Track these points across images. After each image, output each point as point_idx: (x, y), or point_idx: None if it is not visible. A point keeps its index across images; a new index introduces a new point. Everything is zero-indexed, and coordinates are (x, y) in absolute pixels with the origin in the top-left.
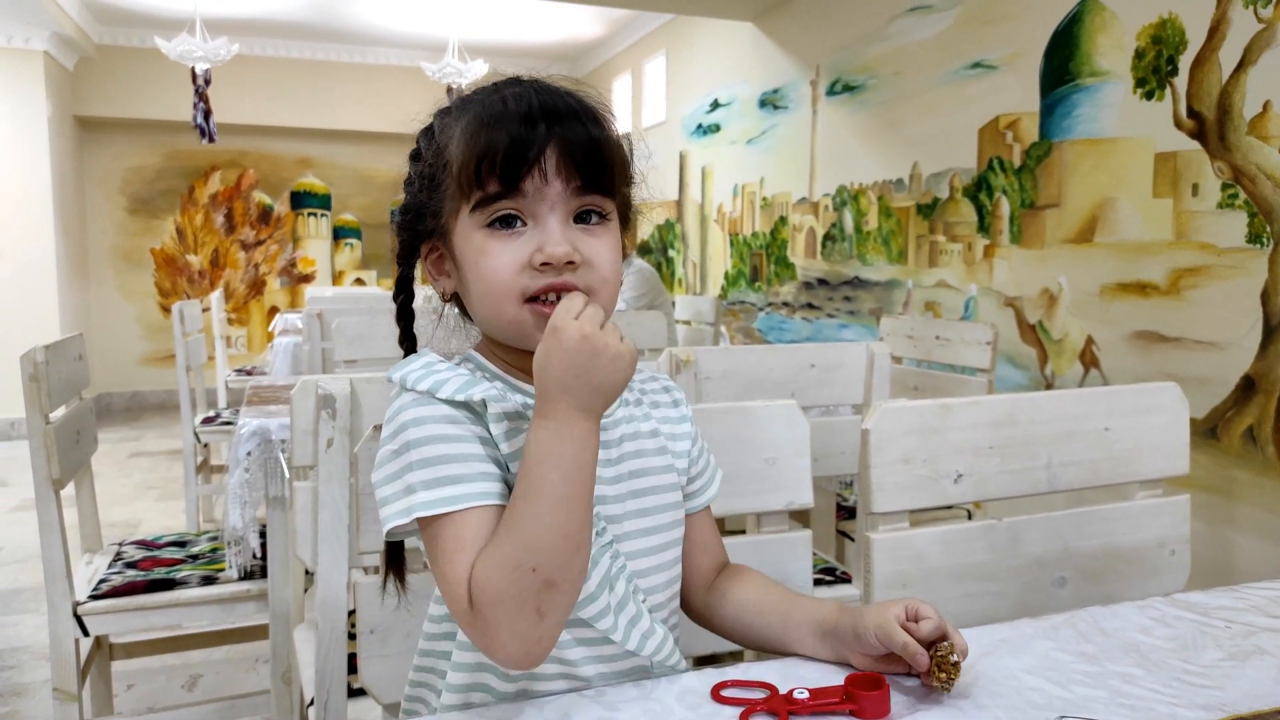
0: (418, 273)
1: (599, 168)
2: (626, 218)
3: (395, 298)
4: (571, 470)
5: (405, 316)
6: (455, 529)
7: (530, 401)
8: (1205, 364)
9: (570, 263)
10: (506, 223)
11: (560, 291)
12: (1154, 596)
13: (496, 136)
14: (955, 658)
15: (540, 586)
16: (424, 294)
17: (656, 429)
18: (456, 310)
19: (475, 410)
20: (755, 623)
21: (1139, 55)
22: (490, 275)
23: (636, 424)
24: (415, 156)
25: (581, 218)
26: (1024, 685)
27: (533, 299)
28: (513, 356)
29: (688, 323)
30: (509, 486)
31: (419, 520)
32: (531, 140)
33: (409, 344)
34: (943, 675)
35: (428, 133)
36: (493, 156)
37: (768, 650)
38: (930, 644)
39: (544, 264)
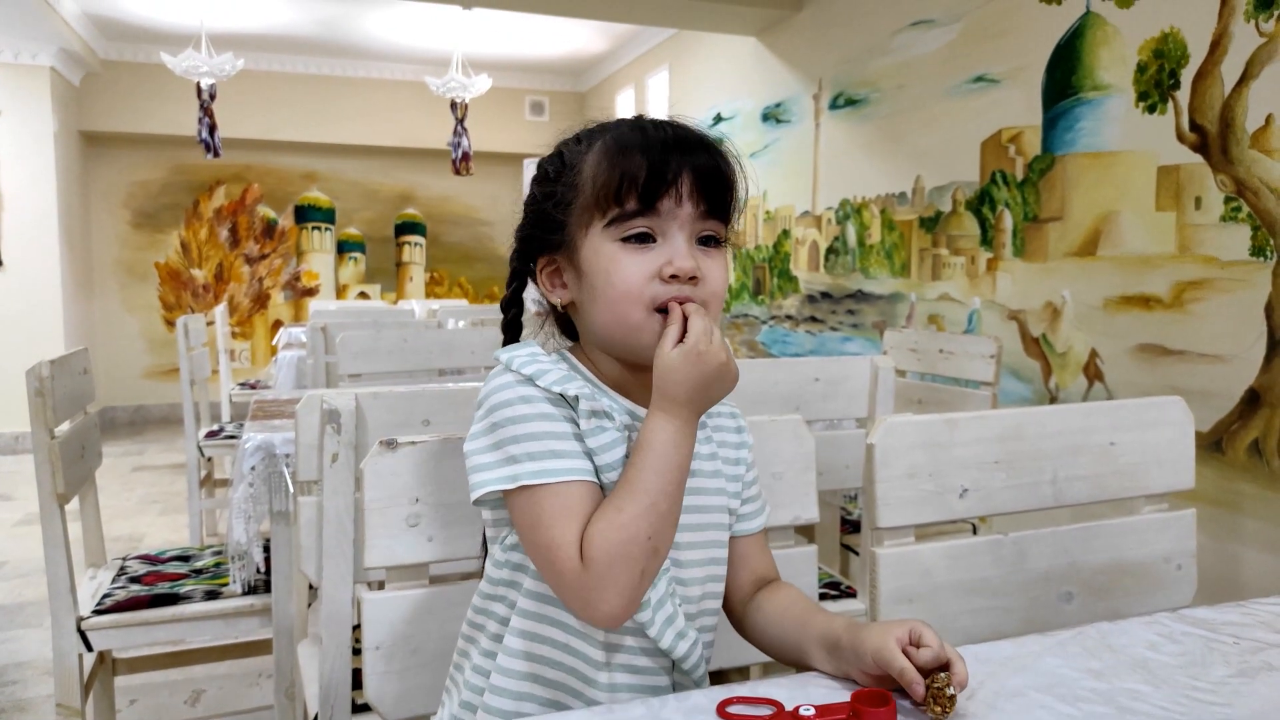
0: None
1: (723, 196)
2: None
3: (505, 310)
4: (684, 461)
5: (514, 329)
6: (561, 498)
7: (616, 406)
8: (1209, 377)
9: (694, 278)
10: (640, 239)
11: (680, 302)
12: (1161, 612)
13: (638, 161)
14: (952, 690)
15: (650, 553)
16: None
17: (715, 453)
18: (555, 324)
19: (568, 402)
20: (778, 634)
21: (1141, 69)
22: (621, 283)
23: (698, 445)
24: (542, 179)
25: (703, 241)
26: (1032, 703)
27: (659, 309)
28: (610, 367)
29: None
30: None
31: (518, 489)
32: (670, 165)
33: (510, 337)
34: (937, 709)
35: (557, 158)
36: (634, 177)
37: (790, 662)
38: (929, 672)
39: (672, 276)
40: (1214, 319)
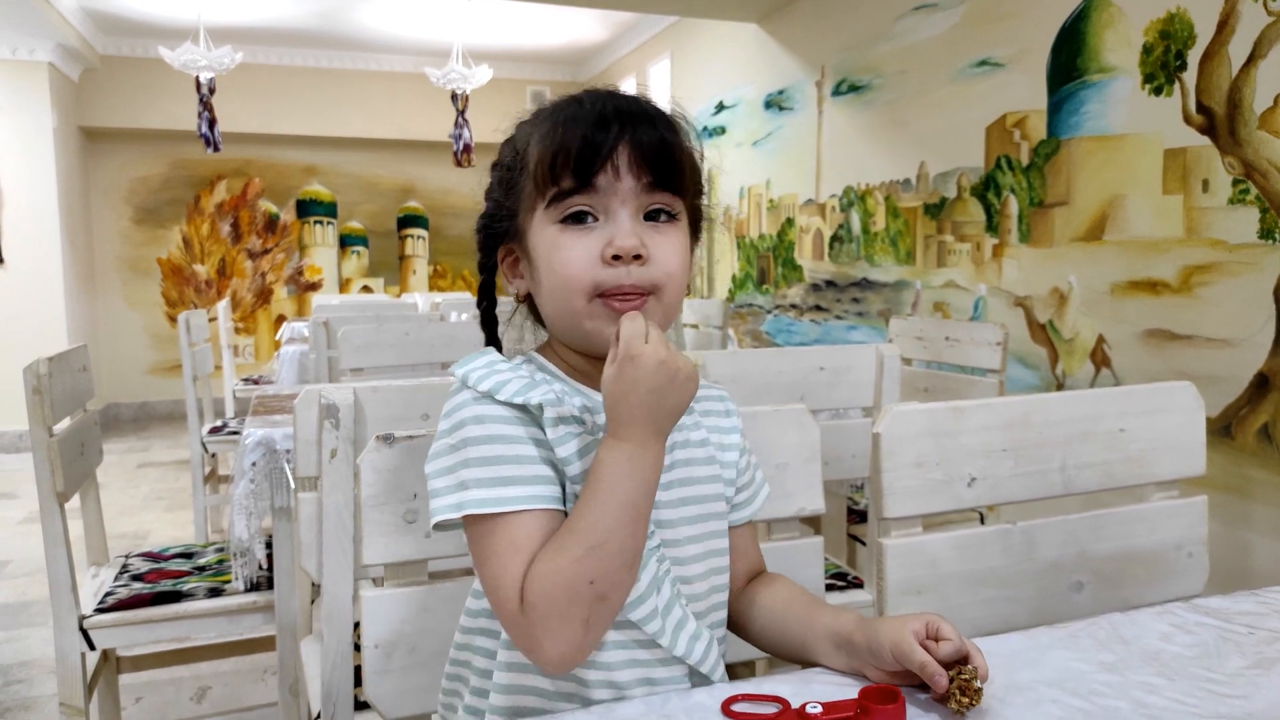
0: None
1: (669, 167)
2: (698, 228)
3: (479, 304)
4: (640, 492)
5: (489, 323)
6: (509, 530)
7: (590, 404)
8: (1218, 362)
9: (638, 256)
10: (578, 218)
11: (627, 296)
12: (1173, 601)
13: (571, 134)
14: (979, 683)
15: (593, 599)
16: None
17: (706, 438)
18: (529, 314)
19: (532, 413)
20: (778, 630)
21: (1147, 51)
22: (562, 268)
23: (688, 432)
24: (496, 165)
25: (651, 216)
26: (1043, 697)
27: (602, 295)
28: (575, 359)
29: (695, 326)
30: (563, 488)
31: (467, 517)
32: (604, 137)
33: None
34: (965, 700)
35: (510, 141)
36: (567, 152)
37: (792, 658)
38: (949, 664)
39: (614, 256)
40: (1222, 303)
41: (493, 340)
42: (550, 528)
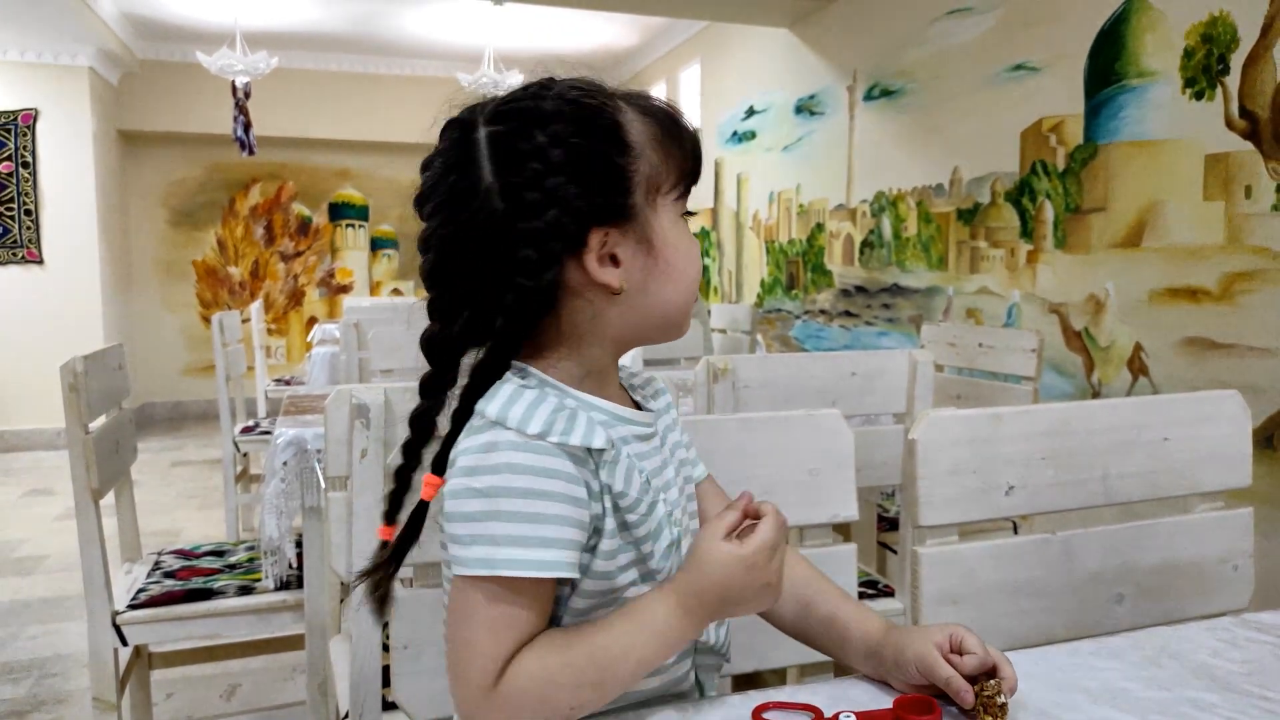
0: None
1: None
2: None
3: (530, 304)
4: (662, 658)
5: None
6: (513, 599)
7: (606, 417)
8: (1260, 371)
9: None
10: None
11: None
12: (1222, 616)
13: (688, 135)
14: (1003, 698)
15: (572, 715)
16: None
17: (674, 421)
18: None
19: (588, 457)
20: (795, 616)
21: (1188, 54)
22: (696, 260)
23: (666, 416)
24: (585, 129)
25: None
26: (1094, 715)
27: None
28: (595, 362)
29: (724, 331)
30: (589, 520)
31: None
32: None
33: (494, 371)
34: (988, 717)
35: (590, 106)
36: (694, 152)
37: (801, 640)
38: (975, 679)
39: None
40: (1265, 311)
41: (508, 350)
42: (550, 599)
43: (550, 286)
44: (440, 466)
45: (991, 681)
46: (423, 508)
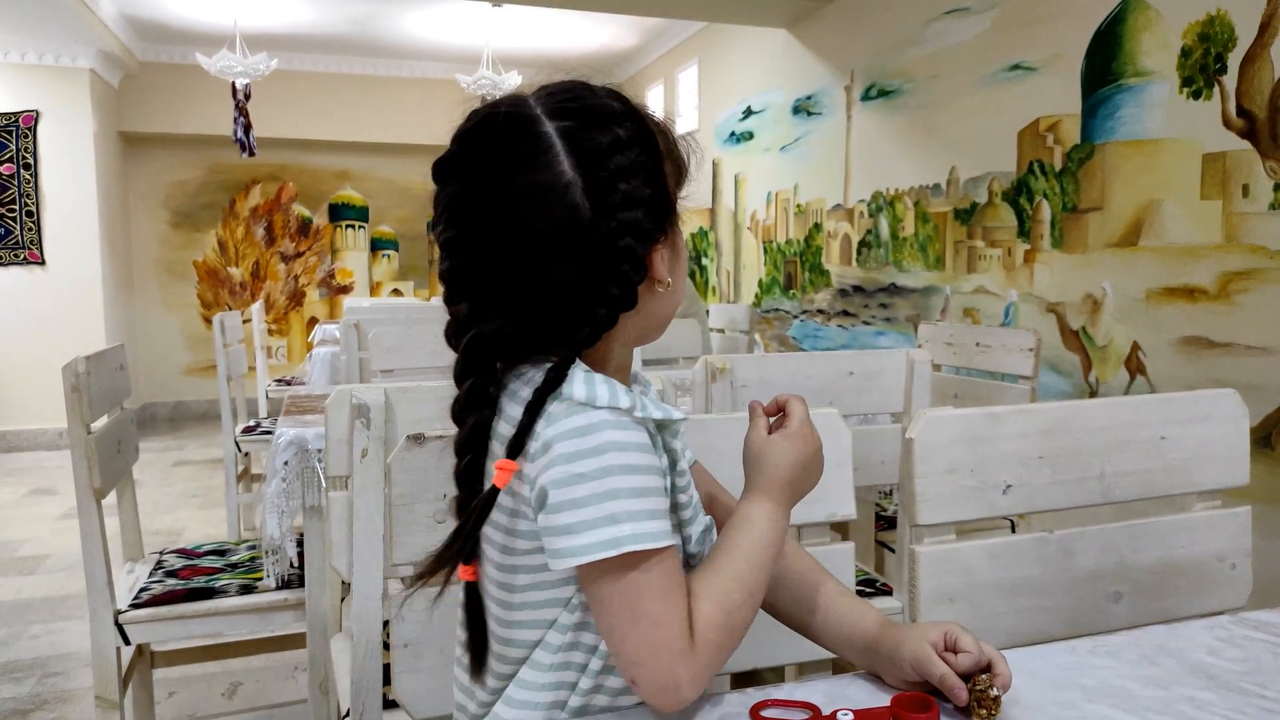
0: None
1: None
2: None
3: (619, 306)
4: (779, 550)
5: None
6: (667, 566)
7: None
8: (1257, 370)
9: None
10: None
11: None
12: (1219, 614)
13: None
14: (995, 691)
15: (740, 636)
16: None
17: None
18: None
19: (652, 430)
20: (790, 606)
21: (1185, 54)
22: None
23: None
24: (645, 146)
25: None
26: (1089, 713)
27: None
28: (623, 357)
29: (721, 331)
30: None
31: (609, 558)
32: None
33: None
34: (982, 712)
35: (641, 121)
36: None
37: (797, 630)
38: (969, 675)
39: None
40: (1263, 310)
41: (576, 345)
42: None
43: (639, 281)
44: (515, 449)
45: (984, 676)
46: (493, 494)
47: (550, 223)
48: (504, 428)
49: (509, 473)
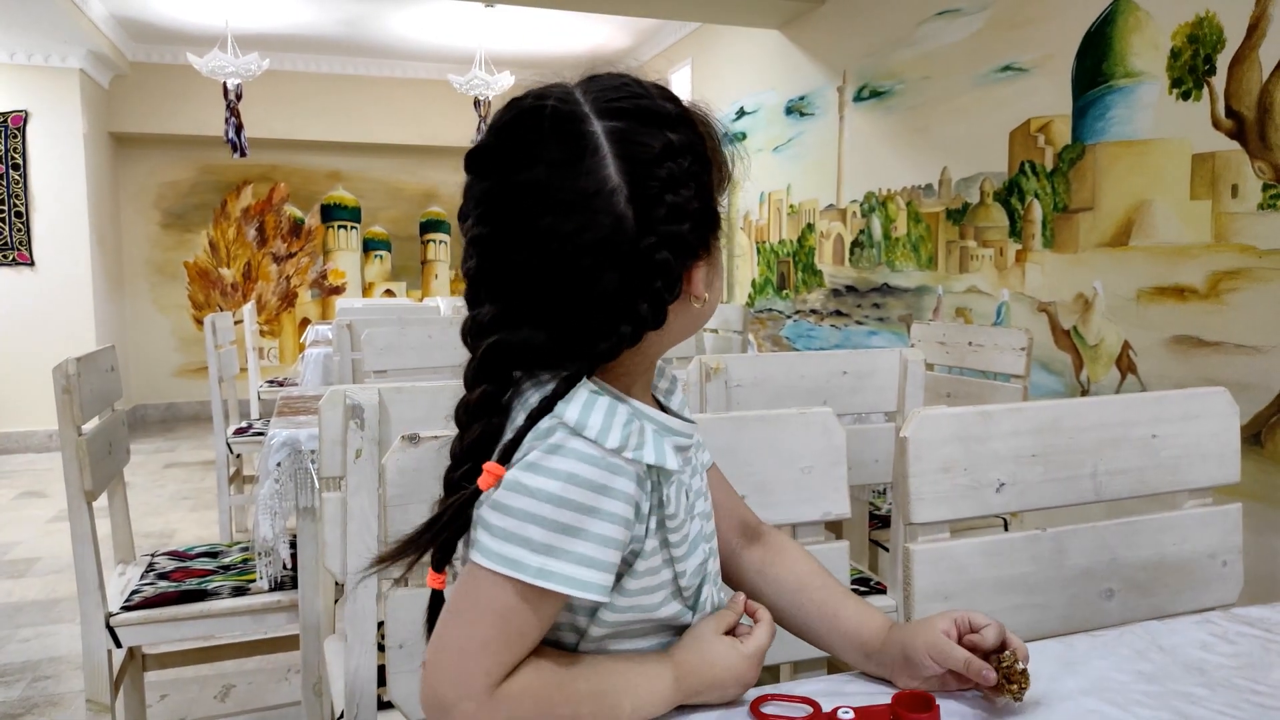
0: None
1: None
2: None
3: (642, 325)
4: (656, 711)
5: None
6: (538, 607)
7: (673, 433)
8: (1247, 369)
9: None
10: None
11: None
12: (1211, 610)
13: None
14: (1022, 665)
15: None
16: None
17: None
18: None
19: (643, 473)
20: (795, 613)
21: (1175, 55)
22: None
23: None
24: (695, 152)
25: None
26: (1083, 707)
27: None
28: (641, 382)
29: (715, 331)
30: (629, 542)
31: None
32: None
33: (572, 378)
34: (1013, 687)
35: (692, 124)
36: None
37: (804, 639)
38: (987, 655)
39: None
40: (1252, 309)
41: (591, 361)
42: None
43: (673, 299)
44: (506, 456)
45: (1007, 653)
46: (475, 496)
47: (593, 232)
48: (507, 432)
49: (495, 477)
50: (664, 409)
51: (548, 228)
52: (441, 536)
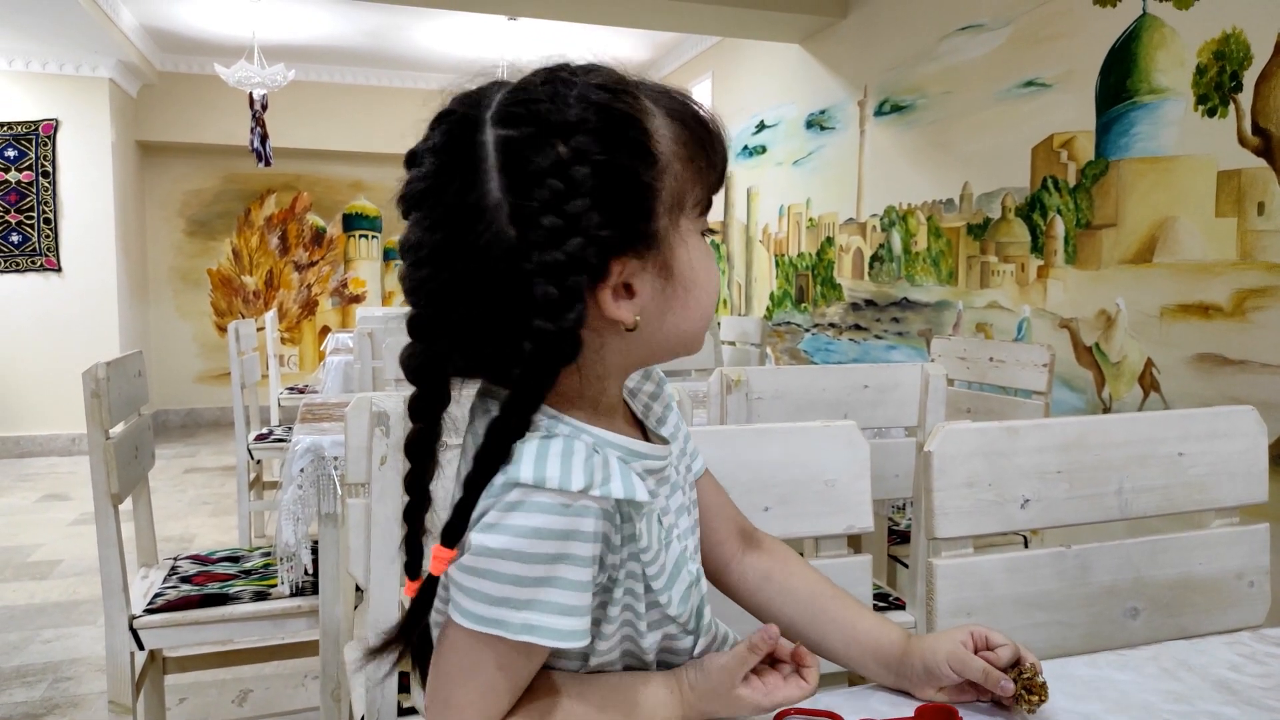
0: None
1: None
2: None
3: (552, 350)
4: None
5: (536, 391)
6: (522, 662)
7: (640, 457)
8: (1272, 388)
9: None
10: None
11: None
12: (1240, 631)
13: (720, 144)
14: (1042, 678)
15: None
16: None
17: (677, 426)
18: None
19: (610, 508)
20: (808, 622)
21: (1200, 71)
22: (714, 280)
23: (669, 423)
24: (617, 141)
25: None
26: None
27: None
28: (611, 396)
29: (733, 343)
30: (599, 575)
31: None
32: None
33: (517, 431)
34: (1033, 699)
35: (623, 112)
36: (721, 165)
37: (816, 651)
38: (1006, 669)
39: None
40: (1278, 328)
41: (525, 416)
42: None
43: (573, 328)
44: (451, 538)
45: (1028, 664)
46: (432, 582)
47: (466, 247)
48: (471, 446)
49: (444, 561)
50: (643, 425)
51: (436, 240)
52: (423, 617)
